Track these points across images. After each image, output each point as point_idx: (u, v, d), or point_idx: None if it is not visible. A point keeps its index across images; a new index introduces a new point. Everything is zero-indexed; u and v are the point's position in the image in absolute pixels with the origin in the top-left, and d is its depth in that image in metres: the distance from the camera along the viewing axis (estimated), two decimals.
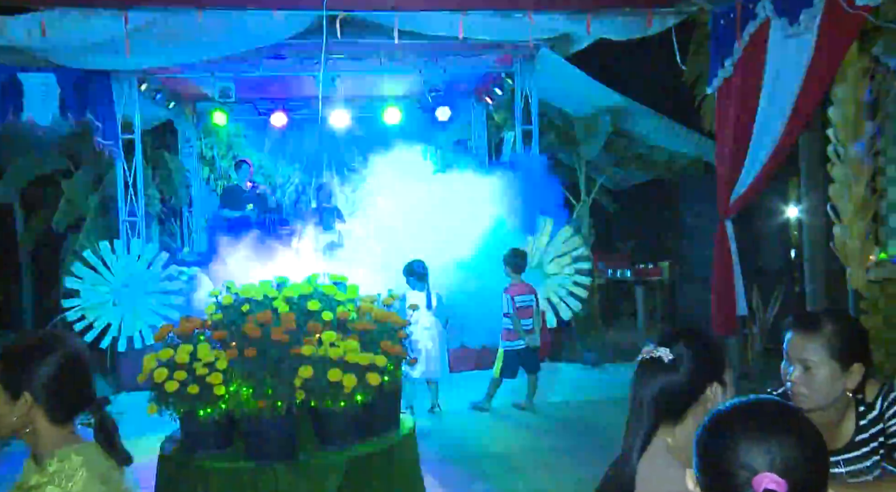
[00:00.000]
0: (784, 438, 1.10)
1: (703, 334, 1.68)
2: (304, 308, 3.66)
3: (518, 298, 6.14)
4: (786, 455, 1.08)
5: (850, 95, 4.43)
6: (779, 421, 1.13)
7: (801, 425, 1.13)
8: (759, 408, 1.17)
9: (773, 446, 1.10)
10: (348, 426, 3.40)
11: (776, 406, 1.17)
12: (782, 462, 1.08)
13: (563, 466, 4.89)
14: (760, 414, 1.15)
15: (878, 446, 2.01)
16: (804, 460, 1.09)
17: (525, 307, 6.17)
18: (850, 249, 4.52)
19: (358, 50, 7.93)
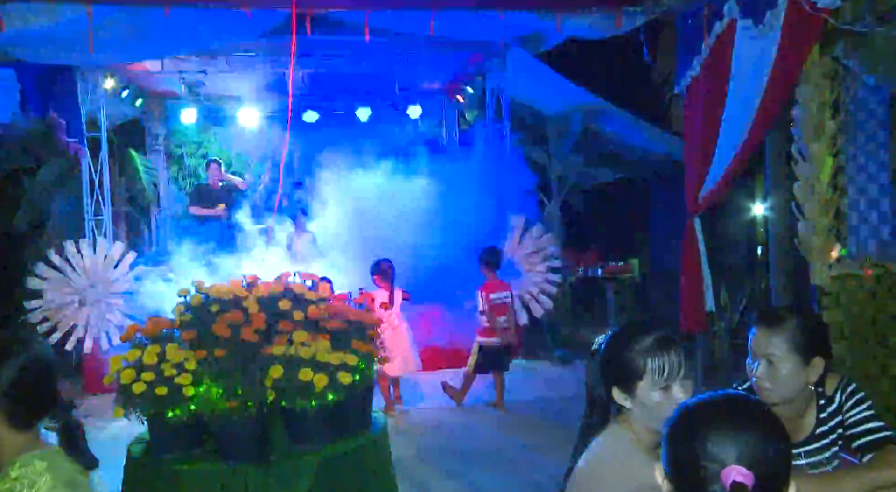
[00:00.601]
0: (750, 431, 1.13)
1: (619, 342, 1.76)
2: (274, 308, 3.63)
3: (493, 295, 6.16)
4: (752, 448, 1.11)
5: (812, 96, 4.51)
6: (745, 415, 1.16)
7: (766, 419, 1.16)
8: (726, 403, 1.19)
9: (741, 440, 1.12)
10: (320, 426, 3.38)
11: (743, 401, 1.20)
12: (749, 455, 1.11)
13: (535, 462, 4.92)
14: (727, 409, 1.18)
15: (837, 437, 2.07)
16: (770, 452, 1.12)
17: (500, 305, 6.19)
18: (814, 246, 4.60)
19: (328, 48, 7.90)
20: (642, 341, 1.68)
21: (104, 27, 5.50)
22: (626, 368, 1.68)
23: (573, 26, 6.04)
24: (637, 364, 1.67)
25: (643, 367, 1.66)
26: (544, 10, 5.84)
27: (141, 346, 3.44)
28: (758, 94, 4.64)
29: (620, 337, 1.74)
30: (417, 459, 5.05)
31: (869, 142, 5.07)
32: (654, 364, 1.65)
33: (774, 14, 4.34)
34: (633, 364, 1.67)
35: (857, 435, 2.01)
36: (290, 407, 3.33)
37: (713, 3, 5.05)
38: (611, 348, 1.74)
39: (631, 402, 1.68)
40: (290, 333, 3.51)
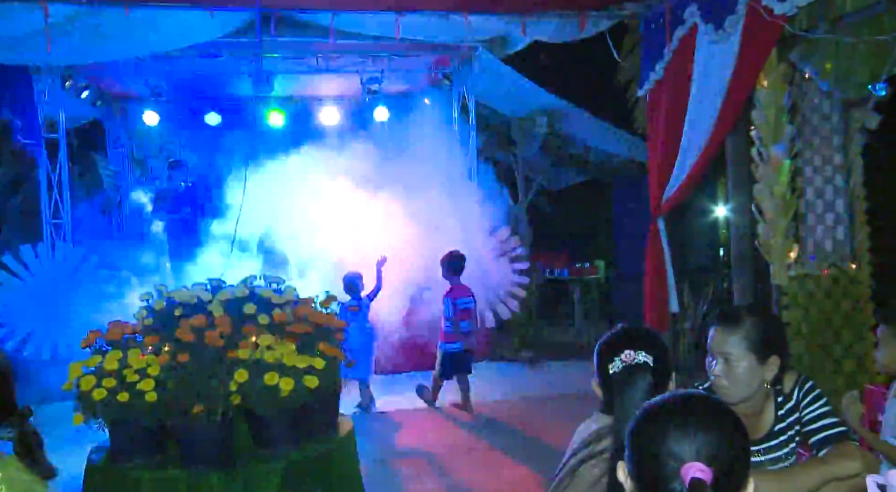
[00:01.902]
0: (709, 429, 1.15)
1: (661, 338, 1.80)
2: (239, 312, 3.60)
3: (459, 300, 6.18)
4: (711, 445, 1.14)
5: (770, 100, 4.62)
6: (704, 413, 1.18)
7: (725, 417, 1.19)
8: (686, 401, 1.22)
9: (699, 437, 1.15)
10: (286, 430, 3.35)
11: (702, 399, 1.23)
12: (708, 452, 1.13)
13: (503, 463, 4.94)
14: (687, 407, 1.21)
15: (795, 434, 2.11)
16: (728, 449, 1.14)
17: (465, 309, 6.21)
18: (773, 247, 4.71)
19: (294, 49, 7.84)
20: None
21: (61, 26, 5.38)
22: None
23: (538, 30, 6.08)
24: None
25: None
26: (510, 13, 5.88)
27: (102, 352, 3.37)
28: (719, 97, 4.72)
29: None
30: (385, 461, 5.04)
31: (824, 145, 5.19)
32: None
33: (734, 20, 4.43)
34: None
35: (813, 431, 2.06)
36: (255, 411, 3.30)
37: (675, 8, 5.13)
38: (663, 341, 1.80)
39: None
40: (255, 337, 3.48)
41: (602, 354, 1.79)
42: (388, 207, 7.58)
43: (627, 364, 1.71)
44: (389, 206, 7.58)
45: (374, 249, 6.68)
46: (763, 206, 4.75)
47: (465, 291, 6.30)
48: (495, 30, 6.86)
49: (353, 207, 7.59)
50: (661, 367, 1.72)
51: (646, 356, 1.71)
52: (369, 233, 7.25)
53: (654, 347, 1.74)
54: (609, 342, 1.80)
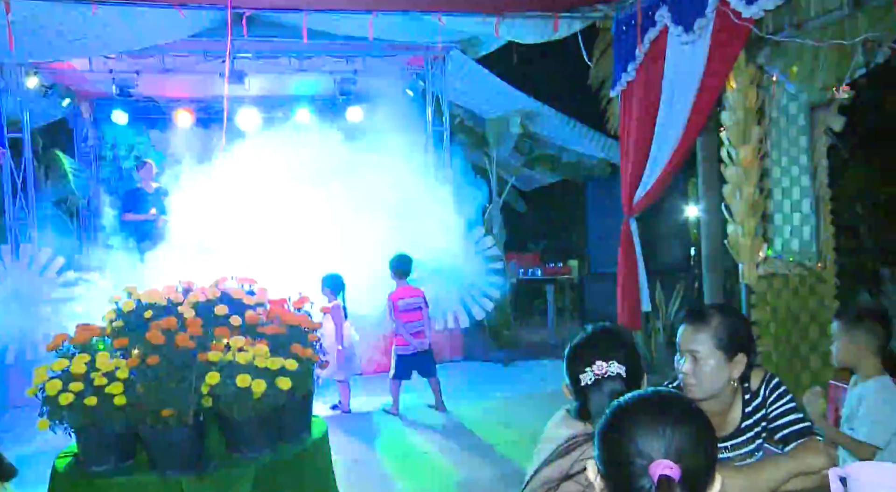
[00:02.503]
0: (676, 426, 1.16)
1: (632, 342, 1.80)
2: (211, 313, 3.56)
3: (401, 302, 6.19)
4: (678, 443, 1.15)
5: (739, 101, 4.69)
6: (672, 411, 1.20)
7: (691, 414, 1.20)
8: (654, 399, 1.24)
9: (667, 435, 1.16)
10: (258, 433, 3.32)
11: (670, 397, 1.24)
12: (675, 449, 1.15)
13: (477, 463, 4.95)
14: (655, 405, 1.22)
15: (761, 430, 2.15)
16: (695, 446, 1.16)
17: (411, 310, 6.21)
18: (742, 247, 4.78)
19: (266, 49, 7.79)
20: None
21: (25, 22, 5.28)
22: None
23: (511, 30, 6.11)
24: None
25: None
26: (483, 13, 5.90)
27: (68, 355, 3.31)
28: (690, 98, 4.77)
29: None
30: (360, 462, 5.02)
31: (791, 146, 5.28)
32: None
33: (703, 22, 4.48)
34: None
35: (780, 427, 2.09)
36: (227, 414, 3.26)
37: (646, 10, 5.18)
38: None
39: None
40: (227, 338, 3.44)
41: (572, 362, 1.77)
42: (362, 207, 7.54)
43: (599, 377, 1.70)
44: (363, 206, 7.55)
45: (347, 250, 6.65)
46: (732, 206, 4.82)
47: (410, 293, 6.30)
48: (469, 30, 6.88)
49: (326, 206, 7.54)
50: (633, 373, 1.72)
51: (618, 367, 1.70)
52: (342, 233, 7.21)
53: (626, 354, 1.73)
54: (580, 350, 1.77)
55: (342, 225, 7.36)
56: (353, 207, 7.56)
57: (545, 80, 9.85)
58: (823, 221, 5.20)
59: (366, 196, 7.66)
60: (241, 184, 7.39)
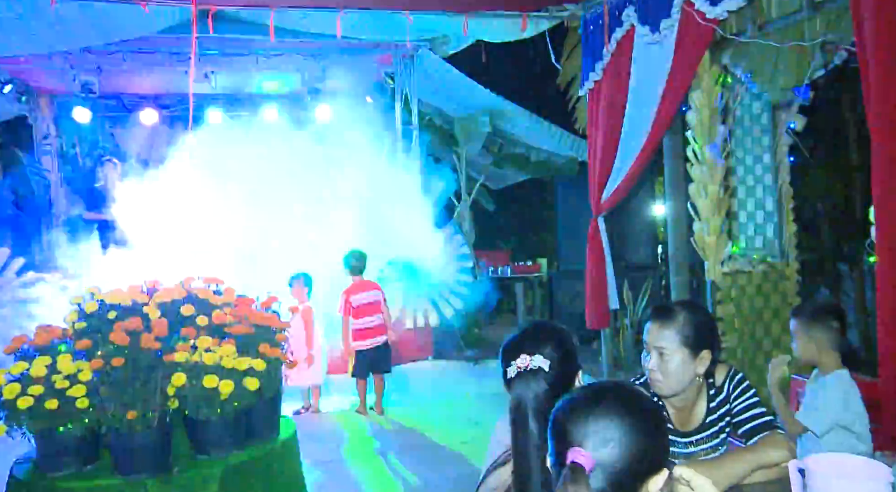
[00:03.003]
0: (610, 416, 1.18)
1: (563, 337, 1.73)
2: (177, 313, 3.51)
3: (355, 297, 6.17)
4: (607, 431, 1.16)
5: (704, 101, 4.76)
6: (602, 402, 1.20)
7: (634, 406, 1.20)
8: (597, 390, 1.25)
9: (590, 423, 1.18)
10: (225, 434, 3.28)
11: (615, 388, 1.24)
12: (602, 438, 1.16)
13: (449, 460, 4.96)
14: (589, 396, 1.23)
15: (726, 424, 2.19)
16: (629, 435, 1.16)
17: (366, 305, 6.19)
18: (708, 244, 4.85)
19: (233, 46, 7.69)
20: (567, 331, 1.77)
21: None
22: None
23: (479, 29, 6.13)
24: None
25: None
26: (451, 12, 5.90)
27: (28, 358, 3.23)
28: (656, 97, 4.84)
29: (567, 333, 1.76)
30: (331, 462, 5.00)
31: (755, 145, 5.38)
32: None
33: (669, 23, 4.55)
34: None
35: (743, 422, 2.14)
36: (193, 415, 3.22)
37: (613, 9, 5.23)
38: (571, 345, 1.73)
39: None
40: (193, 339, 3.40)
41: (502, 356, 1.73)
42: (330, 207, 7.51)
43: (521, 370, 1.65)
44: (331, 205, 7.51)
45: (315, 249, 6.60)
46: (698, 204, 4.89)
47: (366, 287, 6.27)
48: (437, 29, 6.88)
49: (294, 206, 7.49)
50: (562, 369, 1.65)
51: (542, 361, 1.64)
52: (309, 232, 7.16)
53: (553, 349, 1.66)
54: (509, 344, 1.73)
55: (310, 224, 7.31)
56: (321, 207, 7.52)
57: (514, 79, 9.89)
58: (786, 218, 5.30)
59: (334, 195, 7.62)
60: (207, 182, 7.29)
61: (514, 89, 9.09)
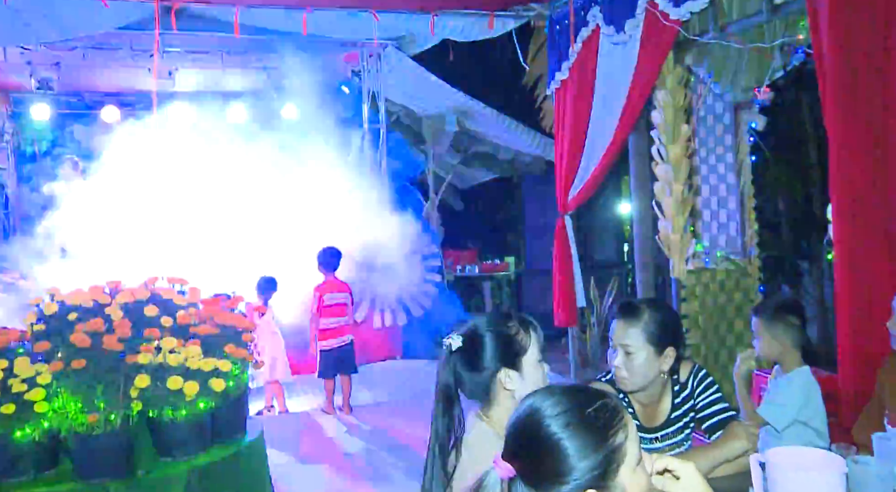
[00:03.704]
0: (521, 426, 1.20)
1: (478, 325, 1.80)
2: (140, 314, 3.45)
3: (328, 296, 6.14)
4: (516, 441, 1.21)
5: (668, 100, 4.82)
6: (533, 406, 1.22)
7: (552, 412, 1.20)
8: (552, 390, 1.26)
9: (510, 433, 1.21)
10: (190, 436, 3.24)
11: (575, 391, 1.24)
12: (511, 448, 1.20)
13: (417, 460, 4.95)
14: (546, 394, 1.24)
15: (690, 420, 2.23)
16: (538, 447, 1.18)
17: (334, 305, 6.17)
18: (672, 242, 4.92)
19: (197, 44, 7.58)
20: (513, 319, 1.79)
21: None
22: (511, 344, 1.75)
23: (446, 28, 6.13)
24: (520, 338, 1.76)
25: (527, 341, 1.75)
26: (418, 11, 5.90)
27: None
28: (622, 97, 4.88)
29: (494, 320, 1.80)
30: (298, 462, 4.96)
31: (718, 145, 5.47)
32: (534, 336, 1.76)
33: (633, 23, 4.60)
34: (517, 339, 1.76)
35: (706, 417, 2.18)
36: (158, 417, 3.17)
37: (579, 10, 5.27)
38: (492, 331, 1.77)
39: (518, 381, 1.73)
40: (157, 340, 3.34)
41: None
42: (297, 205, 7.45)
43: (445, 348, 1.78)
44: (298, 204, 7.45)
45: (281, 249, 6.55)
46: (663, 203, 4.95)
47: (337, 287, 6.25)
48: (404, 27, 6.86)
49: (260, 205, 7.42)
50: (471, 348, 1.76)
51: (457, 338, 1.77)
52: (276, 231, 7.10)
53: (468, 331, 1.77)
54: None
55: (277, 223, 7.25)
56: (288, 205, 7.46)
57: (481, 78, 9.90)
58: (748, 217, 5.41)
59: (301, 194, 7.56)
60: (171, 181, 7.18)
61: (481, 88, 9.10)
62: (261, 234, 7.16)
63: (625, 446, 1.17)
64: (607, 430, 1.16)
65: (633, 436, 1.19)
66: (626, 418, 1.19)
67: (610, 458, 1.15)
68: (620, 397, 2.20)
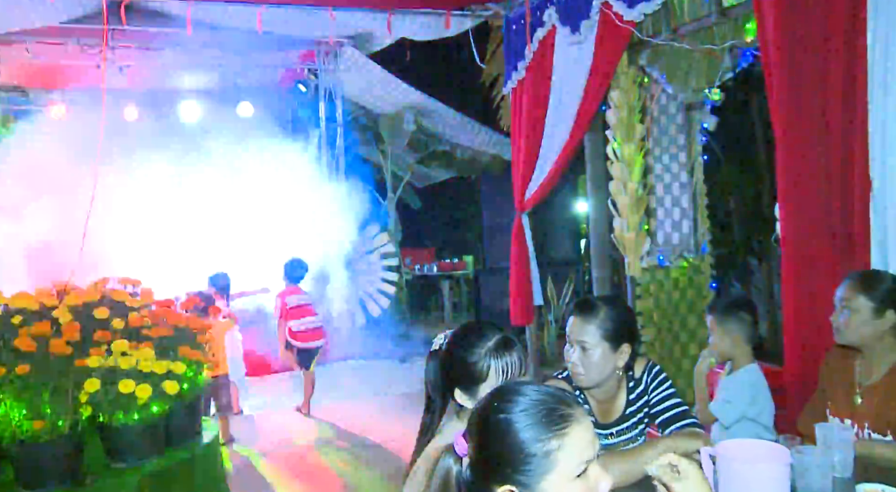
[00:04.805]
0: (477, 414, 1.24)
1: (466, 346, 1.80)
2: (90, 316, 3.36)
3: (290, 298, 6.15)
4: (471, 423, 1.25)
5: (623, 100, 4.89)
6: (489, 397, 1.26)
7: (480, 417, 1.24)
8: (517, 382, 1.30)
9: (472, 411, 1.26)
10: (143, 440, 3.18)
11: (508, 387, 1.27)
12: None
13: (379, 459, 4.95)
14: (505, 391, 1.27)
15: (644, 416, 2.27)
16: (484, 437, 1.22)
17: (300, 306, 6.18)
18: (628, 241, 4.99)
19: (149, 40, 7.42)
20: (485, 345, 1.75)
21: None
22: (469, 371, 1.74)
23: (403, 27, 6.11)
24: (480, 367, 1.74)
25: (486, 370, 1.73)
26: (375, 9, 5.87)
27: None
28: (577, 96, 4.93)
29: (463, 340, 1.79)
30: (255, 464, 4.90)
31: (671, 144, 5.57)
32: (497, 366, 1.73)
33: (588, 24, 4.65)
34: (476, 368, 1.74)
35: (660, 412, 2.22)
36: (108, 422, 3.10)
37: (535, 10, 5.31)
38: (454, 352, 1.78)
39: (473, 402, 1.73)
40: (108, 343, 3.27)
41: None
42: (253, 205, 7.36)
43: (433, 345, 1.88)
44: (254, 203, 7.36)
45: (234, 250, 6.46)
46: (618, 201, 5.02)
47: (297, 290, 6.28)
48: (361, 26, 6.83)
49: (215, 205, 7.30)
50: (448, 349, 1.82)
51: (441, 340, 1.86)
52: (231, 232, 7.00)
53: (451, 336, 1.83)
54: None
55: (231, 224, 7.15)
56: (243, 205, 7.36)
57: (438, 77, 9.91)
58: (700, 215, 5.52)
59: (257, 193, 7.48)
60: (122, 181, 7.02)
61: (439, 87, 9.11)
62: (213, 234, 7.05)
63: (555, 455, 1.16)
64: (544, 432, 1.17)
65: (575, 449, 1.17)
66: (568, 428, 1.17)
67: (534, 461, 1.16)
68: (577, 393, 2.23)
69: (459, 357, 1.76)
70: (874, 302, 2.23)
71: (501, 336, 1.77)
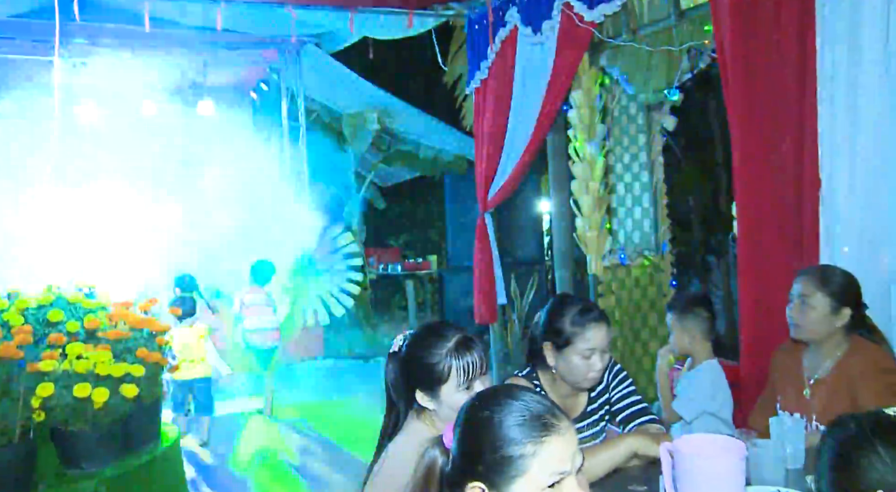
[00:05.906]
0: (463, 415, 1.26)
1: (426, 347, 1.79)
2: (43, 319, 3.28)
3: (247, 297, 6.16)
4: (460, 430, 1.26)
5: (584, 101, 4.95)
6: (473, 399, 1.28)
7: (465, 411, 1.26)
8: (496, 389, 1.30)
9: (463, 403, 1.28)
10: (100, 446, 3.11)
11: (507, 389, 1.27)
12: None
13: (343, 460, 4.92)
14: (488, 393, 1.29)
15: (605, 413, 2.30)
16: (465, 434, 1.24)
17: (257, 306, 6.16)
18: (589, 240, 5.05)
19: (106, 36, 7.26)
20: (445, 345, 1.74)
21: None
22: (430, 372, 1.73)
23: (366, 26, 6.08)
24: (441, 368, 1.72)
25: (447, 370, 1.72)
26: (336, 7, 5.83)
27: None
28: (539, 96, 4.97)
29: (422, 341, 1.77)
30: (217, 467, 4.84)
31: (632, 144, 5.65)
32: (458, 366, 1.72)
33: (550, 24, 4.68)
34: (437, 368, 1.72)
35: (620, 410, 2.26)
36: (63, 428, 3.02)
37: (497, 9, 5.33)
38: (413, 353, 1.77)
39: (435, 403, 1.73)
40: (63, 346, 3.19)
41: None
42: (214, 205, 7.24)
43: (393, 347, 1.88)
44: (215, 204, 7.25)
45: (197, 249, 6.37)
46: (580, 201, 5.07)
47: (256, 290, 6.25)
48: (323, 24, 6.77)
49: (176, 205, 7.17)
50: (406, 350, 1.82)
51: (400, 341, 1.85)
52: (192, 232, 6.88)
53: (410, 337, 1.83)
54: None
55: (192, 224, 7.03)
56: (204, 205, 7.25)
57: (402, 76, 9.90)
58: (660, 214, 5.61)
59: (218, 194, 7.36)
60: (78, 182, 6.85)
61: (402, 87, 9.10)
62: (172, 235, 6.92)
63: (528, 461, 1.15)
64: (523, 436, 1.17)
65: (551, 459, 1.16)
66: (547, 438, 1.17)
67: (506, 462, 1.16)
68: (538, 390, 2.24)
69: (419, 358, 1.74)
70: (832, 299, 2.28)
71: (461, 336, 1.76)
